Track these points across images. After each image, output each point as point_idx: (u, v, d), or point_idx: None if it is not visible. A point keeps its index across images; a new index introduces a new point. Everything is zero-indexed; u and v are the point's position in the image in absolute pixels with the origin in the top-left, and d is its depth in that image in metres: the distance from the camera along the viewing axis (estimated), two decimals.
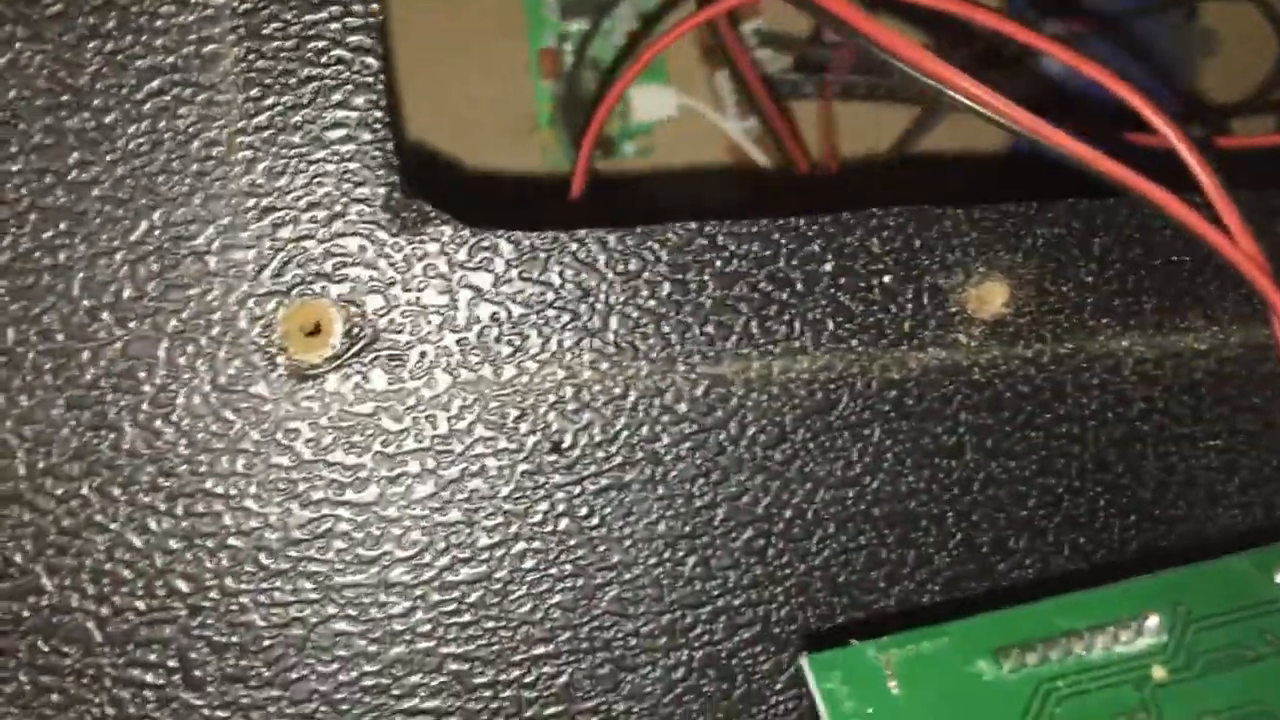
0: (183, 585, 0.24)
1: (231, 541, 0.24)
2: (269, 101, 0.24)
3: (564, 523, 0.25)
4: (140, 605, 0.24)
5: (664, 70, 0.48)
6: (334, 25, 0.24)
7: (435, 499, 0.25)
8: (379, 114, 0.25)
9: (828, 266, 0.26)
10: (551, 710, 0.25)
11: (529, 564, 0.25)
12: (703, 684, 0.25)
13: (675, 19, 0.45)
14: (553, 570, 0.25)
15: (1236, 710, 0.22)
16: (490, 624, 0.25)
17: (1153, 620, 0.22)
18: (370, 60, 0.24)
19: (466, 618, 0.25)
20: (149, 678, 0.24)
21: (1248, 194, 0.27)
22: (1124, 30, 0.45)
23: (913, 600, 0.26)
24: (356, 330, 0.24)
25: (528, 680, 0.25)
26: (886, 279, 0.26)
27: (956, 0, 0.25)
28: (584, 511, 0.25)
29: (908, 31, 0.46)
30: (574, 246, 0.25)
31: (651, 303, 0.25)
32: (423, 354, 0.25)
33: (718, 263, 0.25)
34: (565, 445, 0.25)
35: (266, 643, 0.24)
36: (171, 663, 0.24)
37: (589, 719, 0.25)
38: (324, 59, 0.24)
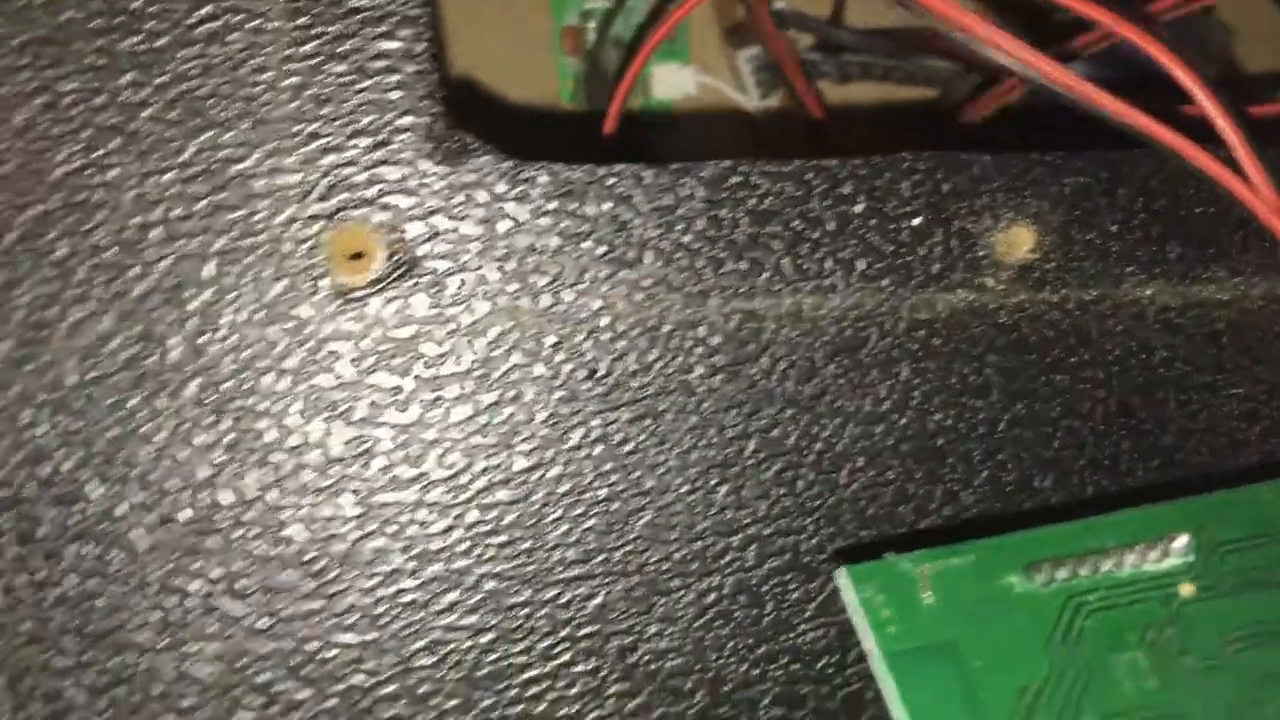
0: (226, 497, 0.24)
1: (274, 457, 0.24)
2: (316, 31, 0.25)
3: (599, 449, 0.25)
4: (183, 516, 0.24)
5: (685, 50, 0.49)
6: None
7: (472, 422, 0.25)
8: (423, 46, 0.25)
9: (859, 208, 0.26)
10: (586, 630, 0.25)
11: (564, 488, 0.25)
12: (733, 609, 0.26)
13: None
14: (587, 495, 0.25)
15: (1261, 627, 0.22)
16: (526, 545, 0.25)
17: (1180, 540, 0.23)
18: None
19: (503, 538, 0.25)
20: (193, 586, 0.24)
21: (1272, 150, 0.27)
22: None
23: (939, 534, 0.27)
24: (398, 256, 0.25)
25: (563, 601, 0.25)
26: (916, 221, 0.27)
27: None
28: (618, 438, 0.26)
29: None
30: (610, 180, 0.25)
31: (686, 238, 0.26)
32: (462, 281, 0.25)
33: (751, 200, 0.26)
34: (600, 373, 0.25)
35: (308, 556, 0.25)
36: (215, 573, 0.24)
37: (622, 640, 0.25)
38: None
